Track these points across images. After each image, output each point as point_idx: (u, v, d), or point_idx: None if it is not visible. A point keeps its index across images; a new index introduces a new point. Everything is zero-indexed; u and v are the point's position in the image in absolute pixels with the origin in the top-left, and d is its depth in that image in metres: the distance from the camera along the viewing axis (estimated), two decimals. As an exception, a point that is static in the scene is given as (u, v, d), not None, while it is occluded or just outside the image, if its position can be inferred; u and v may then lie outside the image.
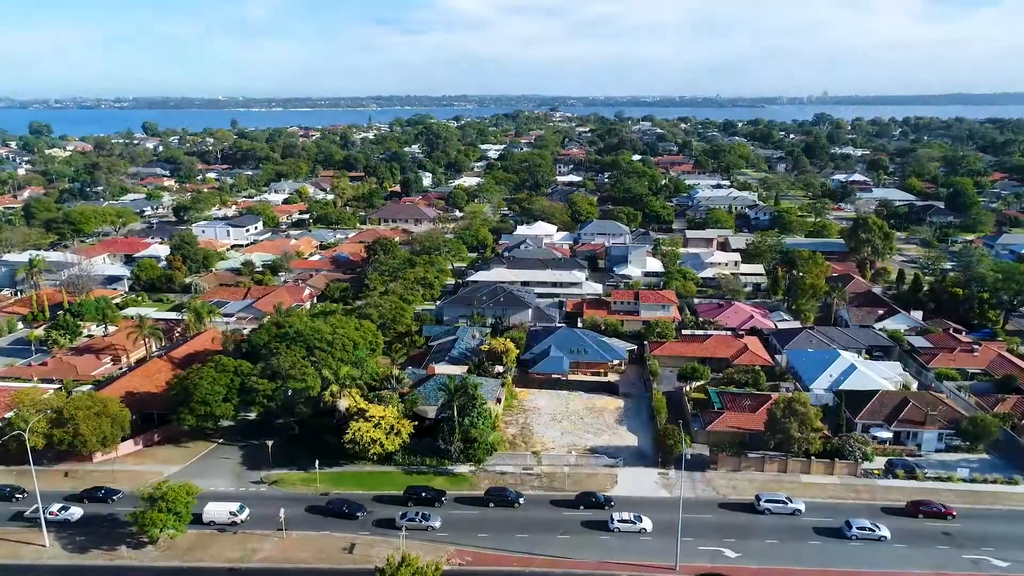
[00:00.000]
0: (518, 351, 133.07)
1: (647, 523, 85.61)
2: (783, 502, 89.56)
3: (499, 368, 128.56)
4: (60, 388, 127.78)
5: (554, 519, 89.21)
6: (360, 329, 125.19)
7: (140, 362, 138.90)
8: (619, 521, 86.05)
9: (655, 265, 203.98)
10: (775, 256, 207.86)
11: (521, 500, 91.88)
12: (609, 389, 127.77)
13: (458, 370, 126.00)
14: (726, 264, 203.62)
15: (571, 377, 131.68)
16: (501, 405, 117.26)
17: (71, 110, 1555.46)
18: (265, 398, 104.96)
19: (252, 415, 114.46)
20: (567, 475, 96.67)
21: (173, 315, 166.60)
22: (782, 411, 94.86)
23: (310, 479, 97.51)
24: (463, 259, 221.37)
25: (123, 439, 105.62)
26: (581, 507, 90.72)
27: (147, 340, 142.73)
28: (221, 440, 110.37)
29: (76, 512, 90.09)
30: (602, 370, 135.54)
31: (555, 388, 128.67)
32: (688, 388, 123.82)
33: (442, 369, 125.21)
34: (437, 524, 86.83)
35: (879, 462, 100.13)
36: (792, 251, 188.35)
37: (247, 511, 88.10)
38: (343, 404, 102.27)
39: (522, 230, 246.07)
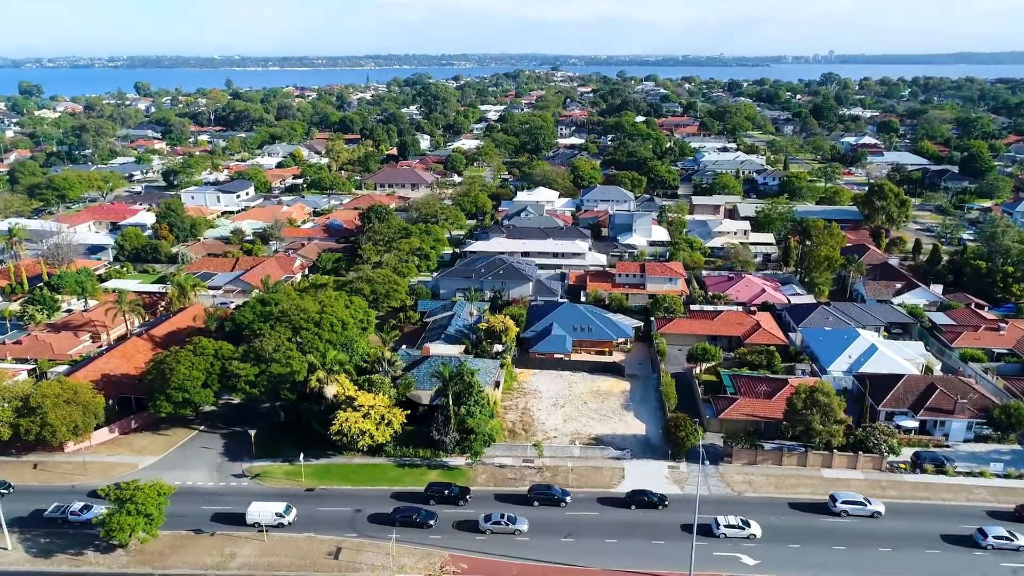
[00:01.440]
0: (518, 329, 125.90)
1: (756, 528, 78.44)
2: (862, 503, 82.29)
3: (498, 347, 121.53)
4: (34, 368, 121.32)
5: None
6: (350, 307, 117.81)
7: (121, 339, 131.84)
8: (725, 526, 78.52)
9: (661, 234, 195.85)
10: (785, 225, 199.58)
11: (568, 499, 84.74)
12: (614, 370, 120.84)
13: (455, 350, 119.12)
14: (735, 233, 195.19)
15: (574, 357, 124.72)
16: (500, 389, 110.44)
17: (64, 69, 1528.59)
18: (247, 384, 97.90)
19: (235, 399, 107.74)
20: (571, 469, 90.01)
21: (158, 288, 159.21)
22: (804, 402, 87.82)
23: (295, 472, 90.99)
24: (461, 227, 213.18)
25: (97, 427, 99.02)
26: (633, 506, 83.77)
27: (127, 316, 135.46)
28: (202, 427, 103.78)
29: (100, 511, 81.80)
30: (607, 349, 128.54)
31: (557, 369, 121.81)
32: (698, 370, 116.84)
33: (438, 349, 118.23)
34: (525, 528, 79.23)
35: (904, 454, 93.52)
36: (805, 220, 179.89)
37: (294, 511, 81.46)
38: (330, 391, 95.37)
39: (522, 196, 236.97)
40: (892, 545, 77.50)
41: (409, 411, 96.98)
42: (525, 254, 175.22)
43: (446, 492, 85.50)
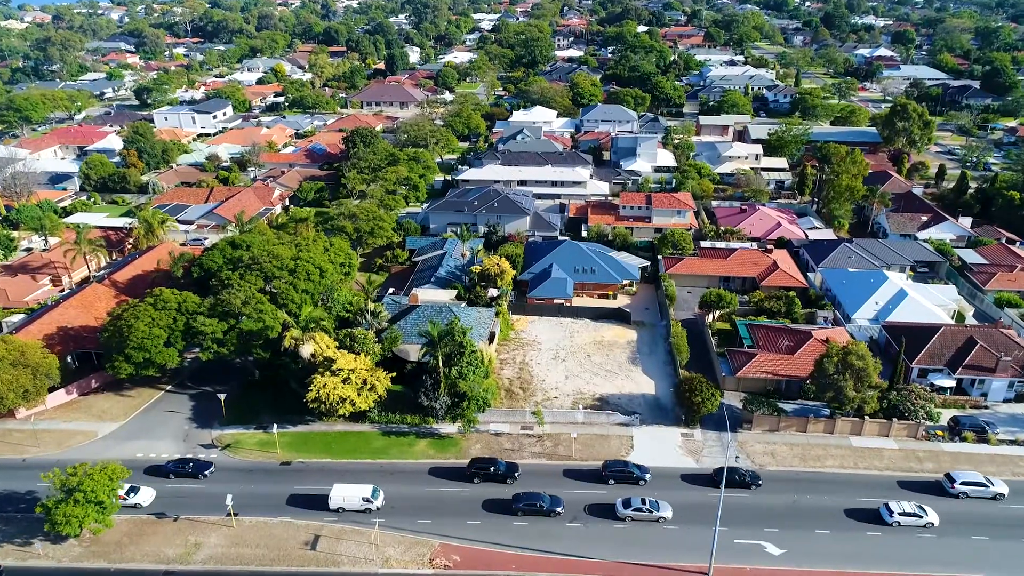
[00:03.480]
0: (514, 272, 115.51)
1: (933, 516, 69.68)
2: (983, 484, 73.29)
3: (493, 291, 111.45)
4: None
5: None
6: (330, 249, 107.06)
7: (84, 283, 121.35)
8: (900, 514, 69.43)
9: (667, 158, 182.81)
10: (799, 148, 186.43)
11: (647, 476, 75.32)
12: (619, 317, 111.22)
13: (446, 295, 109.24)
14: (746, 158, 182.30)
15: (575, 301, 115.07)
16: (495, 342, 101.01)
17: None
18: (215, 342, 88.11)
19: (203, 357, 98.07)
20: (574, 439, 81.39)
21: (125, 222, 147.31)
22: (835, 365, 78.49)
23: (269, 442, 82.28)
24: (453, 150, 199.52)
25: (52, 389, 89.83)
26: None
27: (87, 257, 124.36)
28: (169, 387, 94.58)
29: (148, 495, 73.41)
30: (611, 291, 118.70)
31: (557, 315, 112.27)
32: (711, 318, 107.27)
33: (427, 295, 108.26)
34: (669, 514, 70.35)
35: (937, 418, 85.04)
36: (823, 145, 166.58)
37: (382, 495, 72.46)
38: (306, 351, 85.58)
39: (518, 116, 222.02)
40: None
41: (395, 373, 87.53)
42: (521, 183, 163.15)
43: (491, 469, 75.86)
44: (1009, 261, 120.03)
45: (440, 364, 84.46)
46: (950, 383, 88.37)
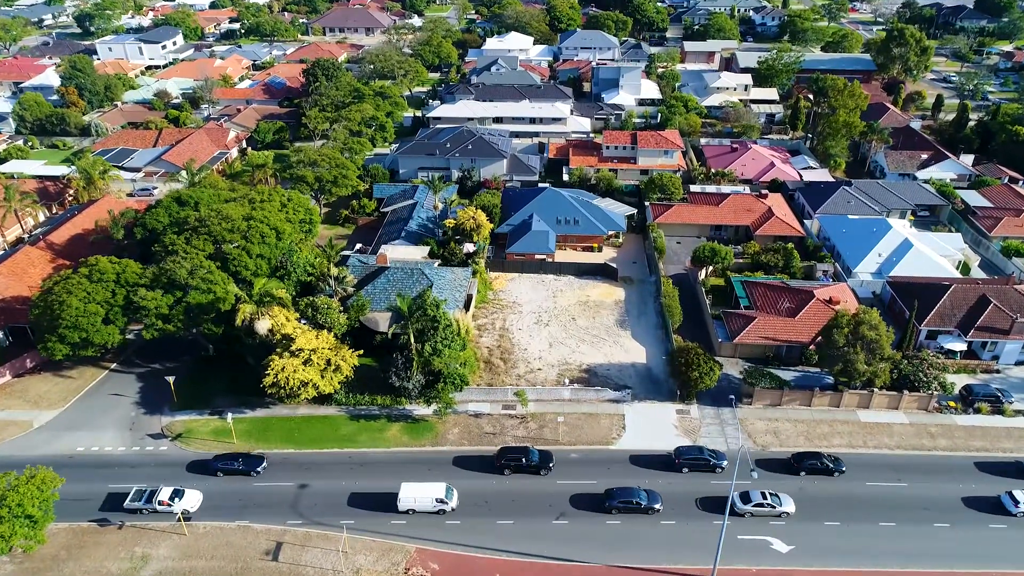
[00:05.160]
0: (492, 225, 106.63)
1: None
2: None
3: (469, 247, 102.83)
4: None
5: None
6: (288, 205, 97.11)
7: (20, 243, 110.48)
8: None
9: (651, 90, 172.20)
10: (790, 77, 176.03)
11: (724, 463, 68.73)
12: (605, 273, 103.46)
13: (417, 253, 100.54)
14: (734, 89, 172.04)
15: (558, 255, 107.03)
16: (472, 306, 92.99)
17: None
18: (159, 318, 79.04)
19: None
20: (560, 422, 74.35)
21: (65, 170, 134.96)
22: (845, 336, 71.65)
23: (225, 430, 74.60)
24: (423, 82, 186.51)
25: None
26: (803, 472, 68.23)
27: (21, 215, 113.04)
28: (114, 365, 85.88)
29: (194, 498, 65.64)
30: (595, 244, 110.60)
31: (539, 272, 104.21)
32: (704, 275, 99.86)
33: (397, 252, 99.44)
34: (791, 509, 64.11)
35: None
36: (817, 76, 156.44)
37: (456, 494, 65.48)
38: (262, 326, 77.03)
39: (492, 44, 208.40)
40: None
41: (362, 351, 79.44)
42: (497, 120, 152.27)
43: (523, 460, 68.74)
44: (1015, 204, 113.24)
45: (412, 340, 76.54)
46: (961, 346, 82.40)
